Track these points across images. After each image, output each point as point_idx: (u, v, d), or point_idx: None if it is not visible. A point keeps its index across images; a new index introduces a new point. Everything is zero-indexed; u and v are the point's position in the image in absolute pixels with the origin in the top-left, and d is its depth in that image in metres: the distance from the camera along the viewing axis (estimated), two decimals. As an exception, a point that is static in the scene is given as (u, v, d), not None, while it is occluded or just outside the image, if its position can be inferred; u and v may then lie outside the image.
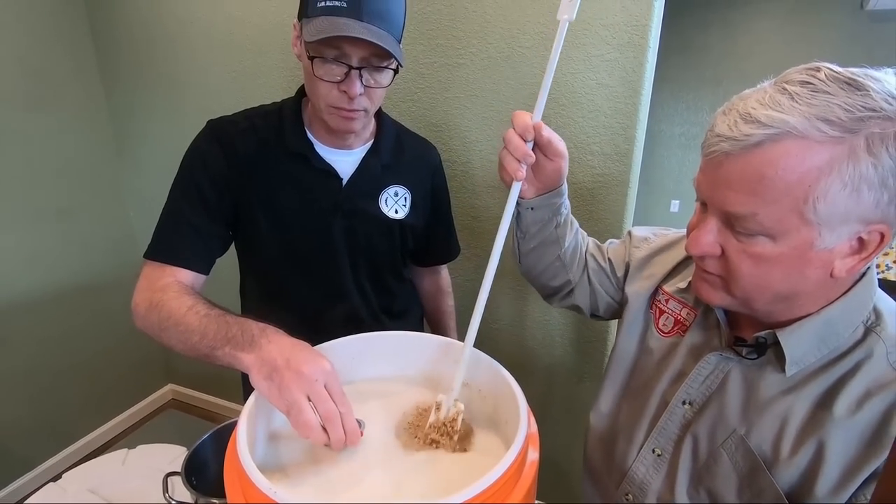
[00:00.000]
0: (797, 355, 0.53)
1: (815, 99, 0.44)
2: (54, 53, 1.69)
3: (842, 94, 0.43)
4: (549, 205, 0.72)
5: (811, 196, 0.44)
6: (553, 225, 0.75)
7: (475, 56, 1.23)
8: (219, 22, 1.53)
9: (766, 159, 0.45)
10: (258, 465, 0.44)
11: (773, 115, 0.44)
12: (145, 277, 0.77)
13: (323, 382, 0.54)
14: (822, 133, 0.43)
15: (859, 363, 0.51)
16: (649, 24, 1.06)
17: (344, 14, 0.70)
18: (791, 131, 0.44)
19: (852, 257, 0.48)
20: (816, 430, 0.52)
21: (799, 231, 0.46)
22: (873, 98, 0.43)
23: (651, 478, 0.66)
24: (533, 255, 0.79)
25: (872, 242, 0.47)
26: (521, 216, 0.75)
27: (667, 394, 0.67)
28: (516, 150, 0.61)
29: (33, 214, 1.70)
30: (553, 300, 0.86)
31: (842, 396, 0.51)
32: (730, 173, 0.48)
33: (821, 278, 0.49)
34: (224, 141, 0.83)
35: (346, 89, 0.75)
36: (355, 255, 0.92)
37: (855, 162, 0.43)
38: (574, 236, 0.79)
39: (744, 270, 0.51)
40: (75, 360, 1.89)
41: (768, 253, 0.49)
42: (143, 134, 1.87)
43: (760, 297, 0.53)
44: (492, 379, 0.62)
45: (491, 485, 0.42)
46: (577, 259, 0.80)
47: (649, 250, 0.77)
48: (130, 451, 1.02)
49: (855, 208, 0.44)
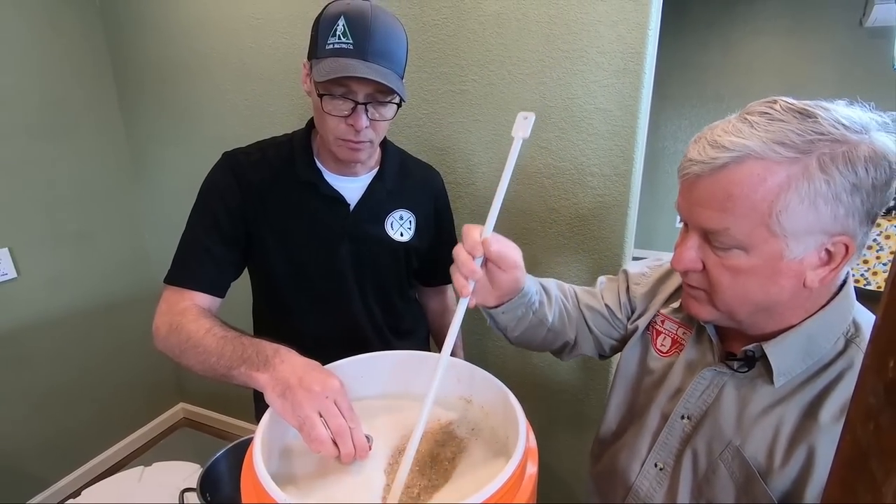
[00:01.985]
0: (783, 367, 0.57)
1: (772, 126, 0.50)
2: (75, 85, 1.78)
3: (794, 122, 0.49)
4: (517, 306, 0.70)
5: (774, 210, 0.49)
6: (530, 314, 0.73)
7: (477, 83, 1.28)
8: (233, 53, 1.61)
9: (732, 179, 0.51)
10: (272, 477, 0.47)
11: (736, 141, 0.50)
12: (165, 301, 0.81)
13: (333, 399, 0.57)
14: (779, 154, 0.49)
15: (842, 373, 0.55)
16: (644, 51, 1.10)
17: (350, 55, 0.75)
18: (751, 154, 0.49)
19: (823, 268, 0.52)
20: (806, 437, 0.54)
21: (768, 243, 0.51)
22: (821, 124, 0.48)
23: (654, 491, 0.68)
24: (523, 338, 0.78)
25: (839, 254, 0.51)
26: (494, 319, 0.73)
27: (666, 409, 0.69)
28: (462, 266, 0.60)
29: (53, 238, 1.77)
30: (562, 357, 0.86)
31: (826, 404, 0.54)
32: (702, 193, 0.54)
33: (794, 288, 0.53)
34: (238, 172, 0.87)
35: (352, 123, 0.79)
36: (362, 277, 0.96)
37: (809, 179, 0.48)
38: (556, 305, 0.77)
39: (723, 283, 0.56)
40: (90, 379, 1.94)
41: (743, 265, 0.53)
42: (159, 160, 1.94)
43: (742, 309, 0.57)
44: (492, 395, 0.64)
45: (489, 497, 0.45)
46: (566, 321, 0.79)
47: (649, 284, 0.79)
48: (146, 468, 1.05)
49: (815, 221, 0.49)
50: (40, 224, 1.73)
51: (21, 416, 1.74)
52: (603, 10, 1.11)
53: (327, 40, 0.76)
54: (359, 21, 0.76)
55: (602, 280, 0.86)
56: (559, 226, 1.29)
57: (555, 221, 1.29)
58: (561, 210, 1.28)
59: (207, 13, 1.61)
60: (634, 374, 0.77)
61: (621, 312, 0.81)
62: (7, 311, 1.66)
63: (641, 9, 1.08)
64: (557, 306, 0.78)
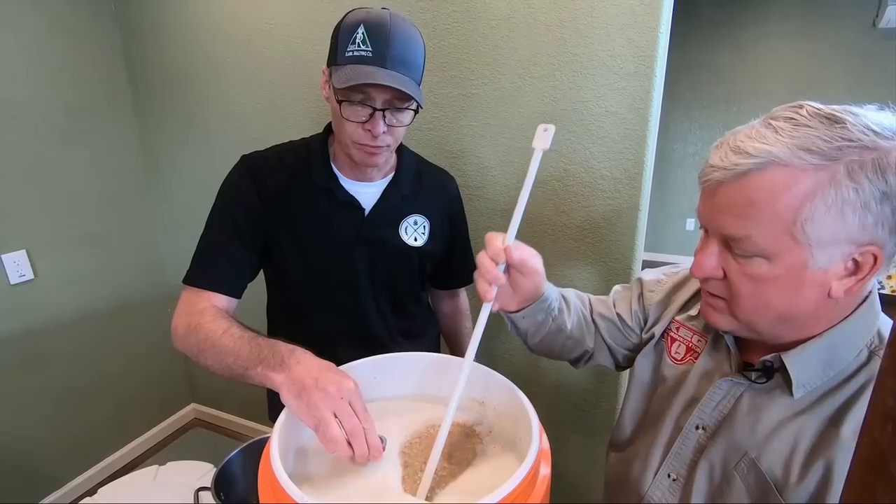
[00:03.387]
0: (803, 378, 0.55)
1: (797, 132, 0.48)
2: (92, 91, 1.81)
3: (821, 128, 0.48)
4: (537, 311, 0.73)
5: (799, 218, 0.48)
6: (549, 320, 0.75)
7: (488, 86, 1.29)
8: (246, 58, 1.63)
9: (755, 186, 0.49)
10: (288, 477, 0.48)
11: (759, 147, 0.49)
12: (184, 302, 0.83)
13: (348, 400, 0.58)
14: (804, 161, 0.47)
15: (863, 386, 0.53)
16: (655, 54, 1.10)
17: (370, 62, 0.76)
18: (775, 160, 0.48)
19: (849, 278, 0.50)
20: (825, 451, 0.53)
21: (792, 252, 0.49)
22: (850, 130, 0.47)
23: (667, 502, 0.67)
24: (542, 345, 0.80)
25: (867, 264, 0.49)
26: (514, 324, 0.76)
27: (680, 419, 0.68)
28: (486, 272, 0.62)
29: (70, 240, 1.80)
30: (578, 366, 0.87)
31: (848, 419, 0.52)
32: (724, 200, 0.52)
33: (818, 299, 0.51)
34: (256, 175, 0.89)
35: (370, 128, 0.80)
36: (376, 281, 0.97)
37: (836, 187, 0.46)
38: (574, 313, 0.79)
39: (744, 291, 0.54)
40: (104, 379, 1.97)
41: (766, 274, 0.52)
42: (173, 165, 1.97)
43: (762, 319, 0.55)
44: (506, 397, 0.65)
45: (503, 497, 0.45)
46: (584, 329, 0.81)
47: (664, 292, 0.79)
48: (161, 467, 1.06)
49: (842, 230, 0.47)
50: (57, 226, 1.76)
51: (37, 415, 1.76)
52: (613, 13, 1.11)
53: (347, 48, 0.77)
54: (378, 29, 0.77)
55: (617, 289, 0.86)
56: (570, 229, 1.29)
57: (565, 225, 1.30)
58: (572, 214, 1.28)
59: (221, 19, 1.64)
60: (648, 381, 0.76)
61: (633, 321, 0.80)
62: (24, 311, 1.69)
63: (652, 12, 1.08)
64: (576, 315, 0.79)
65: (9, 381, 1.68)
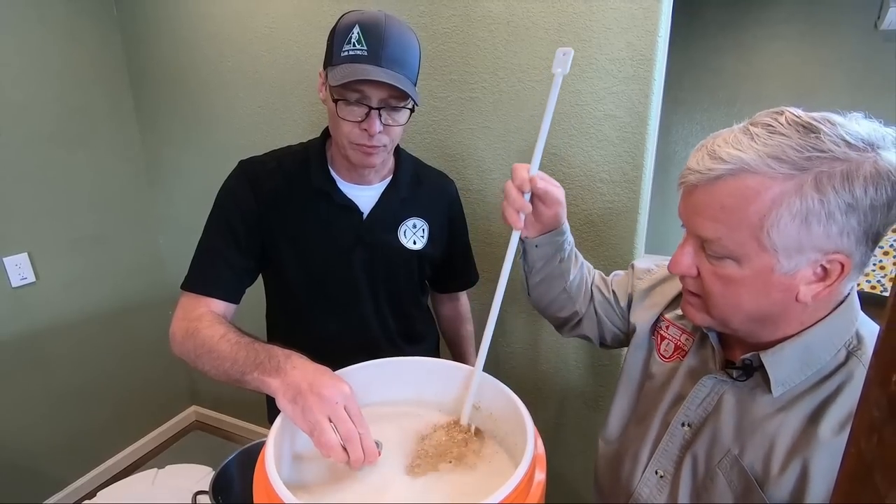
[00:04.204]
0: (781, 377, 0.57)
1: (772, 140, 0.50)
2: (93, 94, 1.82)
3: (795, 136, 0.49)
4: (552, 242, 0.78)
5: (765, 225, 0.50)
6: (557, 260, 0.80)
7: (487, 90, 1.29)
8: (247, 61, 1.63)
9: (726, 191, 0.52)
10: (283, 481, 0.48)
11: (733, 153, 0.51)
12: (181, 307, 0.83)
13: (343, 405, 0.58)
14: (773, 169, 0.49)
15: (841, 386, 0.54)
16: (654, 57, 1.10)
17: (365, 61, 0.77)
18: (746, 167, 0.50)
19: (817, 284, 0.52)
20: (803, 449, 0.54)
21: (759, 256, 0.52)
22: (823, 141, 0.48)
23: (655, 498, 0.69)
24: (540, 288, 0.85)
25: (834, 271, 0.51)
26: (526, 252, 0.80)
27: (667, 416, 0.70)
28: (514, 201, 0.67)
29: (71, 242, 1.81)
30: (563, 330, 0.91)
31: (826, 418, 0.53)
32: (698, 202, 0.55)
33: (786, 301, 0.53)
34: (253, 180, 0.89)
35: (366, 128, 0.81)
36: (375, 284, 0.97)
37: (802, 196, 0.48)
38: (579, 270, 0.85)
39: (715, 290, 0.57)
40: (105, 381, 1.97)
41: (735, 275, 0.54)
42: (173, 167, 1.97)
43: (734, 318, 0.58)
44: (501, 402, 0.65)
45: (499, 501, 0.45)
46: (582, 291, 0.85)
47: (651, 281, 0.81)
48: (160, 470, 1.06)
49: (806, 238, 0.49)
50: (58, 229, 1.76)
51: (38, 418, 1.77)
52: (612, 17, 1.11)
53: (342, 48, 0.78)
54: (373, 29, 0.78)
55: (617, 273, 0.90)
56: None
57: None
58: (570, 216, 1.26)
59: (223, 23, 1.64)
60: (637, 378, 0.78)
61: (623, 302, 0.84)
62: (26, 314, 1.70)
63: (651, 15, 1.08)
64: (580, 273, 0.85)
65: (10, 383, 1.68)
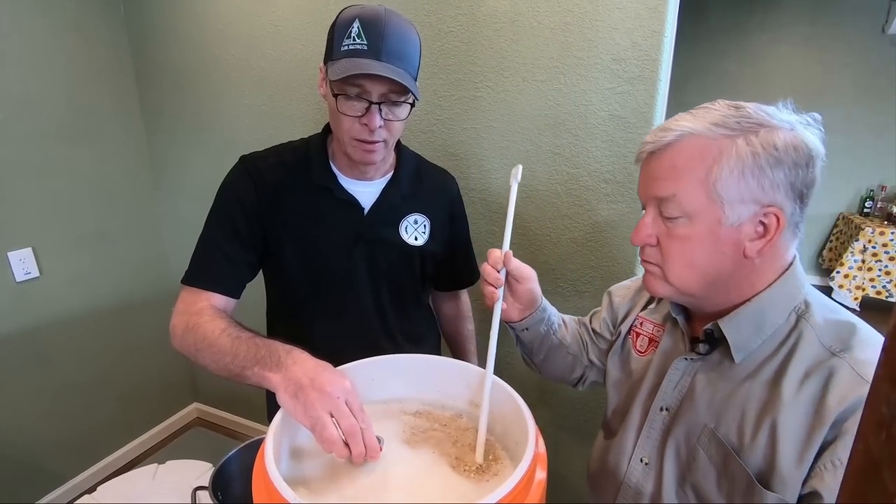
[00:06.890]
0: (739, 342, 0.62)
1: (709, 114, 0.60)
2: (99, 91, 1.83)
3: (728, 111, 0.59)
4: (538, 321, 0.83)
5: (710, 178, 0.57)
6: (550, 334, 0.86)
7: (491, 89, 1.29)
8: (251, 60, 1.64)
9: (677, 152, 0.60)
10: (283, 477, 0.48)
11: (680, 124, 0.60)
12: (182, 302, 0.83)
13: (344, 400, 0.58)
14: (713, 132, 0.58)
15: (794, 347, 0.59)
16: (659, 58, 1.10)
17: (365, 55, 0.77)
18: (692, 132, 0.59)
19: (759, 240, 0.58)
20: (770, 412, 0.58)
21: (708, 210, 0.58)
22: (750, 113, 0.58)
23: (642, 484, 0.71)
24: (547, 364, 0.90)
25: (772, 226, 0.57)
26: (520, 339, 0.87)
27: (646, 404, 0.73)
28: (489, 276, 0.74)
29: (75, 238, 1.81)
30: (578, 387, 0.95)
31: (786, 379, 0.58)
32: (654, 167, 0.63)
33: (736, 257, 0.59)
34: (255, 175, 0.89)
35: (366, 122, 0.81)
36: (376, 280, 0.96)
37: (737, 152, 0.56)
38: (571, 329, 0.91)
39: (672, 251, 0.62)
40: (107, 377, 1.98)
41: (689, 233, 0.60)
42: (178, 163, 1.98)
43: (691, 280, 0.62)
44: (502, 400, 0.65)
45: (497, 502, 0.45)
46: (580, 347, 0.90)
47: (630, 294, 0.87)
48: (160, 466, 1.06)
49: (745, 189, 0.56)
50: (63, 224, 1.77)
51: (40, 412, 1.77)
52: (618, 17, 1.11)
53: (342, 42, 0.78)
54: (373, 23, 0.78)
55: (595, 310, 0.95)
56: (573, 233, 1.29)
57: (568, 228, 1.29)
58: (575, 217, 1.28)
59: (228, 21, 1.65)
60: (619, 377, 0.82)
61: (603, 329, 0.88)
62: (30, 309, 1.70)
63: (657, 16, 1.08)
64: (572, 333, 0.90)
65: (13, 378, 1.69)
